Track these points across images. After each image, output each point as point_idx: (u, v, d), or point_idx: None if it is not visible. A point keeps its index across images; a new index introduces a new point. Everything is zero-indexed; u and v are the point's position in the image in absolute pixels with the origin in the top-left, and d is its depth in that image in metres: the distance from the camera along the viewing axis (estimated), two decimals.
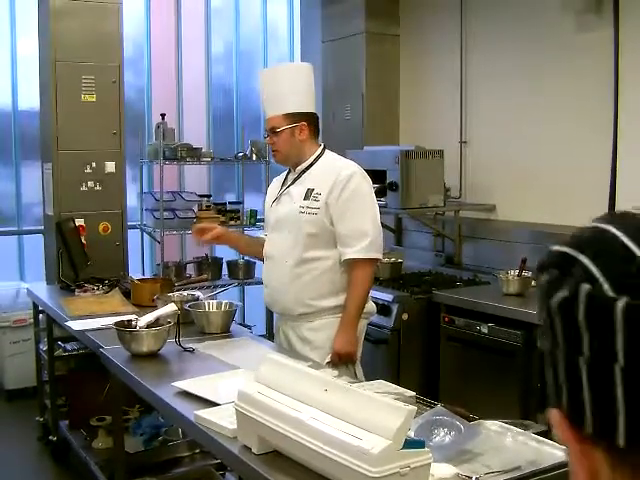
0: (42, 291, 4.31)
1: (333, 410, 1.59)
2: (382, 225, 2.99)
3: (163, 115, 5.29)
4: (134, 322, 2.76)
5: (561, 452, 1.80)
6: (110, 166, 4.65)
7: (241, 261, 5.52)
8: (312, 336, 2.90)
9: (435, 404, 2.12)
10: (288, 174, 3.05)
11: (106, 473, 3.35)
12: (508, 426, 1.95)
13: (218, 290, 3.66)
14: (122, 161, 4.72)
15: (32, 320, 4.55)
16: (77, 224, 4.54)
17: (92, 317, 3.38)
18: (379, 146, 4.96)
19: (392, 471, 1.43)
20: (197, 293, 3.38)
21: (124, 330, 2.69)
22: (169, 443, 3.60)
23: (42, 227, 4.95)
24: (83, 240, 4.57)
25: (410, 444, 1.48)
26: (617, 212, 0.65)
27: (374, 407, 1.52)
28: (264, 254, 3.07)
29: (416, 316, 4.15)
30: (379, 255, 2.90)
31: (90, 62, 4.56)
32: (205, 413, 2.01)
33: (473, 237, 4.84)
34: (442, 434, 1.90)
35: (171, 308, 2.81)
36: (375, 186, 3.00)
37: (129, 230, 4.89)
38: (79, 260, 4.44)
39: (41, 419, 4.43)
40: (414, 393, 2.23)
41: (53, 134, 4.51)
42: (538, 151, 4.50)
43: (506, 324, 3.65)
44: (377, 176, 4.05)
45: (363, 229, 2.83)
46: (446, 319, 4.01)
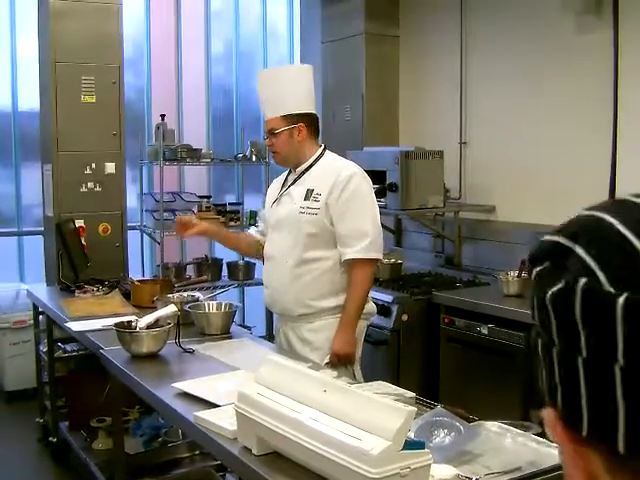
0: (42, 292, 4.31)
1: (333, 411, 1.59)
2: (382, 226, 2.99)
3: (163, 116, 5.29)
4: (134, 323, 2.76)
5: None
6: (110, 167, 4.65)
7: (241, 262, 5.52)
8: (312, 337, 2.90)
9: (435, 405, 2.12)
10: (288, 175, 3.05)
11: (106, 474, 3.35)
12: (508, 427, 1.95)
13: (218, 291, 3.67)
14: (122, 162, 4.72)
15: (32, 321, 4.55)
16: (77, 225, 4.55)
17: (92, 318, 3.38)
18: (379, 147, 4.95)
19: (392, 472, 1.43)
20: (197, 294, 3.38)
21: (124, 331, 2.69)
22: (169, 444, 3.60)
23: (42, 228, 4.95)
24: (83, 241, 4.57)
25: (410, 445, 1.48)
26: (615, 200, 0.60)
27: (374, 408, 1.53)
28: (264, 255, 3.07)
29: (416, 317, 4.15)
30: (379, 255, 2.91)
31: (90, 63, 4.56)
32: (205, 414, 2.01)
33: (473, 238, 4.84)
34: (442, 435, 1.90)
35: (171, 309, 2.81)
36: (375, 187, 3.00)
37: (129, 231, 4.89)
38: (79, 261, 4.44)
39: (41, 420, 4.43)
40: (414, 394, 2.22)
41: (53, 135, 4.51)
42: (538, 152, 4.50)
43: (506, 325, 3.65)
44: (377, 177, 4.04)
45: (363, 229, 2.84)
46: (446, 320, 4.01)
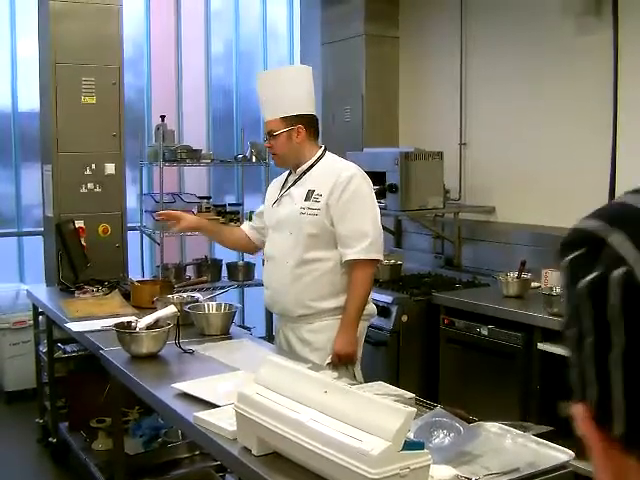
0: (42, 293, 4.31)
1: (333, 412, 1.59)
2: (382, 227, 3.00)
3: (163, 117, 5.30)
4: (134, 324, 2.76)
5: (560, 454, 1.80)
6: (110, 168, 4.66)
7: (241, 263, 5.53)
8: (312, 338, 2.90)
9: (435, 406, 2.13)
10: (289, 176, 3.06)
11: (106, 475, 3.35)
12: (508, 428, 1.95)
13: (218, 292, 3.67)
14: (122, 163, 4.73)
15: (32, 322, 4.55)
16: (77, 226, 4.55)
17: (92, 319, 3.38)
18: (379, 148, 4.96)
19: (392, 472, 1.44)
20: (197, 295, 3.38)
21: (124, 332, 2.69)
22: (169, 445, 3.60)
23: (42, 229, 4.95)
24: (83, 242, 4.57)
25: (410, 446, 1.48)
26: None
27: (374, 409, 1.53)
28: (265, 255, 3.07)
29: (416, 318, 4.15)
30: (379, 256, 2.91)
31: (90, 64, 4.57)
32: (205, 415, 2.01)
33: (473, 239, 4.85)
34: (441, 436, 1.90)
35: (171, 310, 2.81)
36: (374, 188, 3.00)
37: (129, 232, 4.89)
38: (79, 262, 4.44)
39: (41, 421, 4.43)
40: (414, 395, 2.23)
41: (53, 136, 4.52)
42: (538, 153, 4.51)
43: (506, 326, 3.65)
44: (377, 178, 4.04)
45: (363, 230, 2.84)
46: (446, 321, 4.01)
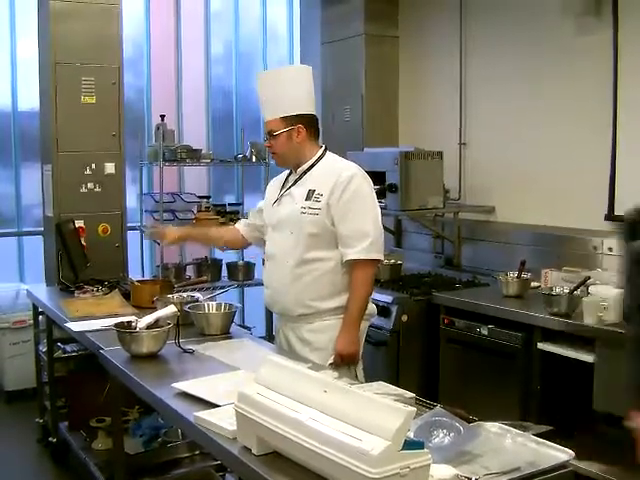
0: (42, 292, 4.31)
1: (333, 411, 1.59)
2: (382, 227, 2.99)
3: (163, 116, 5.30)
4: (134, 323, 2.76)
5: (560, 453, 1.81)
6: (110, 167, 4.66)
7: (241, 262, 5.53)
8: (312, 337, 2.91)
9: (434, 405, 2.13)
10: (289, 175, 3.06)
11: (106, 474, 3.36)
12: (507, 427, 1.95)
13: (218, 291, 3.66)
14: (122, 162, 4.73)
15: (32, 321, 4.56)
16: (77, 225, 4.55)
17: (92, 318, 3.38)
18: (378, 147, 4.96)
19: (392, 472, 1.44)
20: (197, 294, 3.38)
21: (124, 331, 2.69)
22: (169, 444, 3.60)
23: (42, 228, 4.95)
24: (83, 241, 4.57)
25: (409, 445, 1.48)
26: None
27: (374, 408, 1.53)
28: (265, 254, 3.07)
29: (416, 318, 4.15)
30: (380, 256, 2.91)
31: (90, 64, 4.57)
32: (205, 414, 2.01)
33: (472, 239, 4.85)
34: (441, 435, 1.90)
35: (171, 309, 2.81)
36: (374, 188, 3.00)
37: (129, 231, 4.90)
38: (79, 261, 4.44)
39: (41, 420, 4.44)
40: (413, 394, 2.23)
41: (53, 136, 4.52)
42: (537, 153, 4.51)
43: (506, 326, 3.65)
44: (377, 177, 4.04)
45: (364, 230, 2.84)
46: (446, 321, 4.01)
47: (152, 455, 3.54)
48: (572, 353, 3.33)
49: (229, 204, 5.70)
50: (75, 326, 3.29)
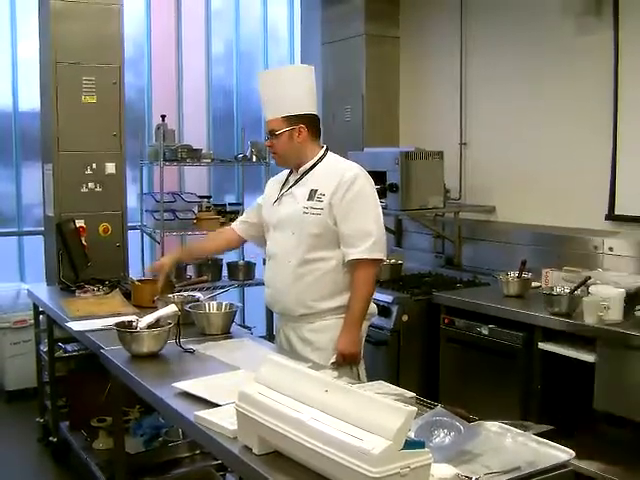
0: (42, 292, 4.31)
1: (333, 411, 1.59)
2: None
3: (163, 116, 5.31)
4: (134, 323, 2.76)
5: (560, 453, 1.81)
6: (110, 167, 4.66)
7: (241, 262, 5.54)
8: (313, 337, 2.90)
9: (435, 405, 2.13)
10: (289, 175, 3.05)
11: (106, 474, 3.36)
12: (508, 427, 1.95)
13: (218, 291, 3.66)
14: (122, 162, 4.73)
15: (32, 321, 4.56)
16: (77, 225, 4.55)
17: (92, 318, 3.38)
18: (379, 147, 4.97)
19: (392, 471, 1.44)
20: (197, 294, 3.38)
21: (125, 331, 2.69)
22: (169, 444, 3.60)
23: (42, 228, 4.96)
24: (83, 241, 4.58)
25: (410, 445, 1.48)
26: None
27: (374, 408, 1.53)
28: (266, 254, 3.07)
29: (416, 317, 4.15)
30: (383, 255, 2.90)
31: (91, 63, 4.57)
32: (205, 414, 2.01)
33: (473, 238, 4.85)
34: (442, 435, 1.91)
35: (171, 309, 2.81)
36: (375, 187, 3.00)
37: (129, 231, 4.90)
38: (79, 261, 4.45)
39: (41, 420, 4.44)
40: (414, 394, 2.23)
41: (54, 135, 4.52)
42: (538, 153, 4.51)
43: (506, 325, 3.65)
44: (377, 177, 4.03)
45: (367, 229, 2.84)
46: (446, 320, 4.02)
47: (153, 455, 3.54)
48: (573, 353, 3.33)
49: (229, 204, 5.71)
50: (76, 326, 3.29)
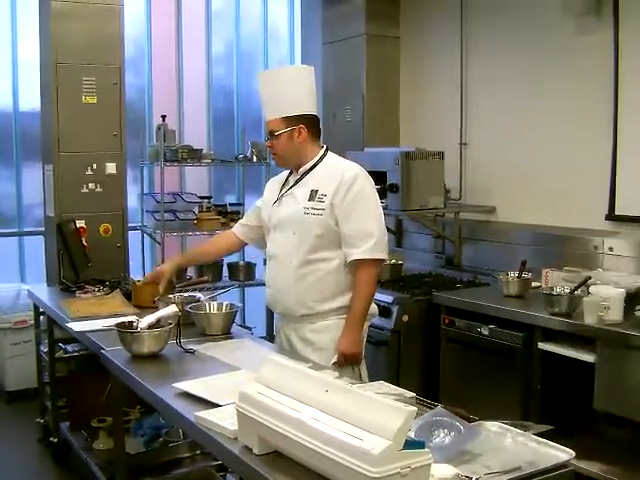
0: (43, 292, 4.31)
1: (334, 411, 1.59)
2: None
3: (164, 117, 5.31)
4: (135, 323, 2.76)
5: (561, 453, 1.81)
6: (111, 167, 4.66)
7: (242, 263, 5.55)
8: (314, 337, 2.90)
9: (435, 405, 2.13)
10: (289, 176, 3.05)
11: (107, 474, 3.36)
12: (508, 427, 1.95)
13: (219, 292, 3.66)
14: (123, 162, 4.73)
15: (33, 322, 4.56)
16: (78, 225, 4.55)
17: (93, 318, 3.38)
18: (379, 147, 4.97)
19: (392, 471, 1.44)
20: (198, 295, 3.38)
21: (125, 331, 2.69)
22: (170, 444, 3.60)
23: (43, 228, 4.96)
24: (84, 241, 4.57)
25: (410, 445, 1.48)
26: None
27: (375, 408, 1.53)
28: (267, 254, 3.07)
29: (416, 318, 4.16)
30: (384, 255, 2.90)
31: (91, 64, 4.57)
32: (206, 414, 2.01)
33: (473, 239, 4.85)
34: (442, 435, 1.91)
35: (172, 309, 2.81)
36: (375, 187, 3.00)
37: (130, 231, 4.90)
38: (80, 261, 4.45)
39: (42, 420, 4.44)
40: (414, 394, 2.23)
41: (54, 135, 4.52)
42: (538, 153, 4.51)
43: (506, 326, 3.65)
44: (377, 177, 4.04)
45: (368, 230, 2.84)
46: (446, 321, 4.02)
47: (153, 455, 3.54)
48: (573, 353, 3.33)
49: (230, 204, 5.71)
50: (76, 326, 3.29)
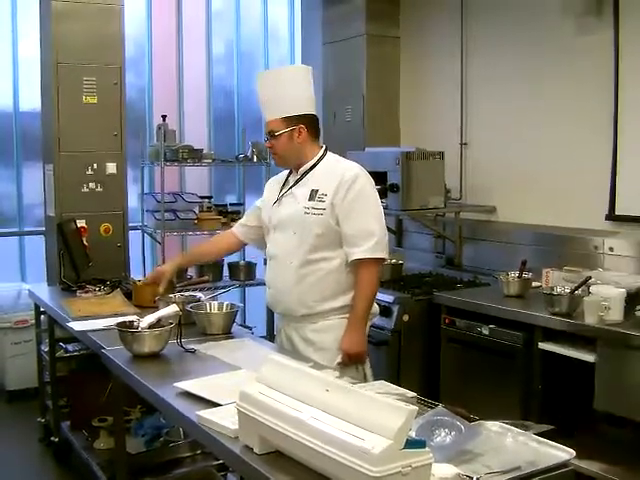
0: (43, 292, 4.32)
1: (334, 410, 1.60)
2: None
3: (164, 116, 5.32)
4: (136, 323, 2.76)
5: (561, 453, 1.81)
6: (111, 167, 4.67)
7: (242, 262, 5.55)
8: (316, 337, 2.90)
9: (436, 405, 2.13)
10: (289, 176, 3.05)
11: (107, 474, 3.36)
12: (508, 427, 1.96)
13: (219, 291, 3.66)
14: (123, 162, 4.74)
15: (33, 321, 4.56)
16: (78, 225, 4.56)
17: (93, 318, 3.38)
18: (380, 147, 4.97)
19: (393, 471, 1.44)
20: (198, 294, 3.38)
21: (126, 331, 2.69)
22: (171, 444, 3.61)
23: (43, 228, 4.96)
24: (84, 241, 4.58)
25: (411, 444, 1.48)
26: None
27: (375, 407, 1.53)
28: (267, 254, 3.07)
29: (417, 317, 4.16)
30: (385, 254, 2.90)
31: (91, 64, 4.57)
32: (207, 413, 2.01)
33: (473, 239, 4.85)
34: (443, 434, 1.91)
35: (173, 309, 2.81)
36: (376, 187, 3.00)
37: (130, 231, 4.90)
38: (80, 261, 4.45)
39: (42, 420, 4.44)
40: (415, 394, 2.23)
41: (55, 135, 4.52)
42: (538, 153, 4.52)
43: (507, 325, 3.66)
44: (378, 177, 4.03)
45: (369, 229, 2.84)
46: (447, 320, 4.02)
47: (154, 454, 3.55)
48: (573, 353, 3.34)
49: (230, 204, 5.72)
50: (77, 326, 3.29)
